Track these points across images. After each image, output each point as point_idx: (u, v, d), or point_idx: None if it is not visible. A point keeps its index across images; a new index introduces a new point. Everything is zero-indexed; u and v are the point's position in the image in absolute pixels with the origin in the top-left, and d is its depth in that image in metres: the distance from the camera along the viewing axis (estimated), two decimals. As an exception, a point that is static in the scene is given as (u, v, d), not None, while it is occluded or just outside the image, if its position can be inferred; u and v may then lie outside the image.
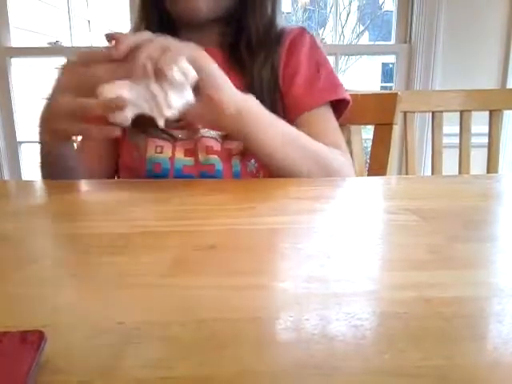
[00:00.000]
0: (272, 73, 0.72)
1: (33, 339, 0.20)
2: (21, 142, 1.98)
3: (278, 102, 0.72)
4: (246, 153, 0.71)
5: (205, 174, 0.71)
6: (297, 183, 0.62)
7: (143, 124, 0.71)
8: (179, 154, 0.71)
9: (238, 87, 0.71)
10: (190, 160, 0.71)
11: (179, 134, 0.72)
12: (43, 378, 0.18)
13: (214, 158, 0.71)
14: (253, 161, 0.72)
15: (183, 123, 0.71)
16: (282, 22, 0.76)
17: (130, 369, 0.19)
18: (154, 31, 0.73)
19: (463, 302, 0.25)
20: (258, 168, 0.73)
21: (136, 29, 0.75)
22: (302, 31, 0.77)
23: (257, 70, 0.71)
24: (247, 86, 0.70)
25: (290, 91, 0.73)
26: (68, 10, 2.04)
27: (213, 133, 0.71)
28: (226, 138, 0.71)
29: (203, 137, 0.71)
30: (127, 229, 0.39)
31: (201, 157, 0.71)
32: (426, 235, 0.37)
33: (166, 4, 0.71)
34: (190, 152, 0.71)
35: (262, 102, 0.70)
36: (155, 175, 0.71)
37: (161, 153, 0.71)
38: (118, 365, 0.19)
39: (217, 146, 0.71)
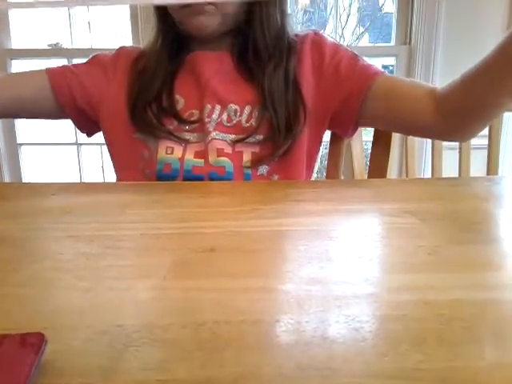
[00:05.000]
0: (286, 82, 0.71)
1: (33, 341, 0.20)
2: (21, 144, 1.98)
3: (299, 108, 0.71)
4: (257, 162, 0.71)
5: (214, 175, 0.71)
6: (297, 185, 0.62)
7: (153, 127, 0.71)
8: (189, 156, 0.72)
9: (247, 95, 0.72)
10: (200, 161, 0.72)
11: (190, 136, 0.72)
12: (44, 380, 0.18)
13: (225, 160, 0.71)
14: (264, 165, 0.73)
15: (194, 126, 0.71)
16: (292, 29, 0.76)
17: (130, 371, 0.19)
18: (170, 41, 0.74)
19: (462, 304, 0.25)
20: (271, 171, 0.73)
21: (154, 39, 0.76)
22: (317, 32, 0.77)
23: (267, 81, 0.70)
24: (258, 96, 0.71)
25: (344, 76, 0.72)
26: (68, 12, 2.04)
27: (224, 136, 0.71)
28: (237, 141, 0.71)
29: (214, 139, 0.71)
30: (127, 231, 0.39)
31: (211, 159, 0.71)
32: (425, 237, 0.37)
33: (177, 24, 0.73)
34: (201, 154, 0.72)
35: (275, 111, 0.70)
36: (165, 175, 0.72)
37: (171, 153, 0.72)
38: (118, 367, 0.19)
39: (228, 149, 0.71)
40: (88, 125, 0.81)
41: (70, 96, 0.76)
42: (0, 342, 0.19)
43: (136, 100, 0.73)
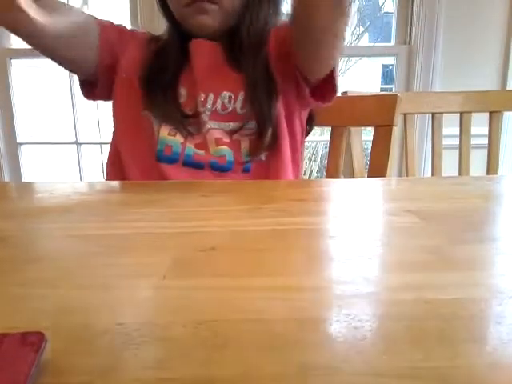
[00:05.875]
0: (264, 69, 0.73)
1: (33, 340, 0.20)
2: (21, 144, 1.98)
3: (276, 96, 0.73)
4: (255, 151, 0.72)
5: (215, 163, 0.72)
6: (298, 185, 0.62)
7: (163, 109, 0.72)
8: (190, 145, 0.73)
9: (239, 83, 0.72)
10: (201, 152, 0.73)
11: (191, 129, 0.73)
12: (43, 379, 0.18)
13: (225, 149, 0.72)
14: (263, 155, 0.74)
15: (192, 120, 0.72)
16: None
17: (130, 370, 0.19)
18: (175, 35, 0.76)
19: (463, 304, 0.25)
20: (269, 156, 0.74)
21: (167, 32, 0.79)
22: (280, 24, 0.79)
23: (249, 69, 0.72)
24: (243, 82, 0.72)
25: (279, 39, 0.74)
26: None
27: (220, 124, 0.72)
28: (234, 132, 0.72)
29: (211, 129, 0.72)
30: (128, 230, 0.39)
31: (211, 149, 0.72)
32: (425, 236, 0.37)
33: (179, 22, 0.74)
34: (201, 146, 0.73)
35: (258, 96, 0.71)
36: (165, 157, 0.72)
37: (174, 136, 0.73)
38: (118, 366, 0.19)
39: (226, 138, 0.72)
40: (105, 83, 0.80)
41: (109, 51, 0.76)
42: (0, 341, 0.19)
43: (149, 78, 0.74)
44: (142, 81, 0.74)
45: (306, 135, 0.84)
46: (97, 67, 0.77)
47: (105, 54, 0.76)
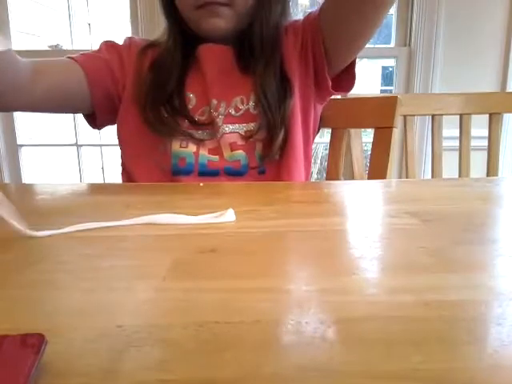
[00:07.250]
0: (275, 70, 0.72)
1: (33, 342, 0.19)
2: (21, 145, 1.98)
3: (291, 95, 0.72)
4: (268, 152, 0.72)
5: (230, 169, 0.72)
6: (298, 187, 0.62)
7: (166, 126, 0.72)
8: (203, 152, 0.72)
9: (250, 86, 0.72)
10: (214, 157, 0.72)
11: (202, 135, 0.72)
12: (43, 381, 0.18)
13: (239, 153, 0.71)
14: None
15: (207, 126, 0.72)
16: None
17: (130, 372, 0.19)
18: (181, 39, 0.75)
19: (463, 306, 0.25)
20: (282, 154, 0.74)
21: (166, 36, 0.77)
22: (292, 21, 0.80)
23: (259, 72, 0.72)
24: (254, 86, 0.72)
25: (302, 38, 0.75)
26: (68, 13, 2.04)
27: (234, 127, 0.72)
28: (251, 136, 0.71)
29: (225, 134, 0.72)
30: (128, 231, 0.39)
31: (226, 154, 0.71)
32: (426, 238, 0.37)
33: (189, 25, 0.73)
34: (215, 151, 0.72)
35: (268, 102, 0.70)
36: (180, 170, 0.72)
37: (186, 147, 0.72)
38: (118, 368, 0.19)
39: (240, 141, 0.72)
40: (106, 116, 0.80)
41: (102, 85, 0.75)
42: (0, 343, 0.19)
43: (149, 99, 0.73)
44: (140, 100, 0.73)
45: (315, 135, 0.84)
46: (93, 106, 0.77)
47: (99, 93, 0.75)
